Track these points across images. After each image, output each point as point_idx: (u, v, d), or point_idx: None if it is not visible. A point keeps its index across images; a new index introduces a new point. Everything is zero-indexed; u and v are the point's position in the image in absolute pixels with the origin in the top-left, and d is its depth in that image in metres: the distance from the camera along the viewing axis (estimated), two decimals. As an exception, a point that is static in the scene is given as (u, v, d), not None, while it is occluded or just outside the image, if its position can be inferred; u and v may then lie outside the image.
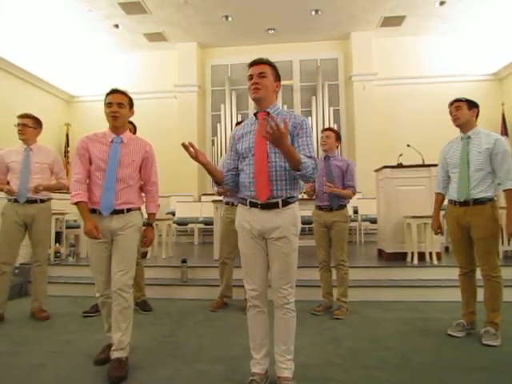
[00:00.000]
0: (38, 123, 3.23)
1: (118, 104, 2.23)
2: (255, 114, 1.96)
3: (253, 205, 1.88)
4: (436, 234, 2.92)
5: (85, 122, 8.40)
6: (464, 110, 2.64)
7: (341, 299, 3.17)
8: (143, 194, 2.43)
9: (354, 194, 3.21)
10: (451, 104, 2.73)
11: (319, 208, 3.26)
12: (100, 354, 2.29)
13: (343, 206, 3.21)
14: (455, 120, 2.69)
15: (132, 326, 2.23)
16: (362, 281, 3.77)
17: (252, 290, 1.92)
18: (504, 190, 2.50)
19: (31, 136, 3.17)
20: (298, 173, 1.77)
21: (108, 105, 2.24)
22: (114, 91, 2.26)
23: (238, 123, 3.42)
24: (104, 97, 2.27)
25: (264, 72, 1.89)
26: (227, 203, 3.45)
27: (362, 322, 3.02)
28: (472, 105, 2.66)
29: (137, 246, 2.31)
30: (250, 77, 1.90)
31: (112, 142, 2.26)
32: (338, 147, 3.35)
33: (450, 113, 2.72)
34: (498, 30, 7.55)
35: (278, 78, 1.95)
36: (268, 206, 1.85)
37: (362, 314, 3.16)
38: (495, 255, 2.56)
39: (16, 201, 3.08)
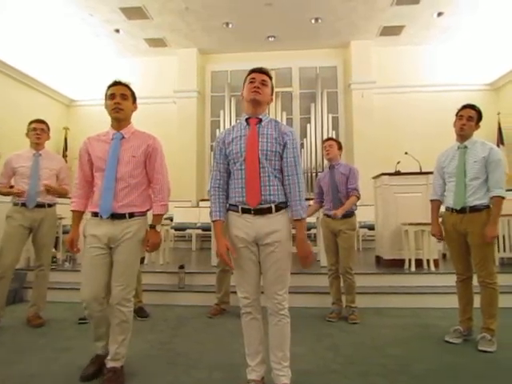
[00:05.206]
0: (49, 129, 3.28)
1: (122, 95, 2.08)
2: (247, 120, 1.95)
3: (245, 211, 1.86)
4: (438, 239, 2.90)
5: (83, 126, 8.37)
6: (474, 122, 2.63)
7: (351, 305, 3.22)
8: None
9: (358, 197, 3.21)
10: (464, 108, 2.65)
11: (327, 216, 3.29)
12: (87, 368, 2.10)
13: (351, 214, 3.23)
14: (462, 129, 2.63)
15: (130, 337, 2.12)
16: (360, 287, 3.72)
17: (244, 297, 1.91)
18: (491, 197, 2.53)
19: (44, 141, 3.21)
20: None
21: (110, 96, 2.08)
22: (116, 83, 2.11)
23: None
24: (104, 96, 2.12)
25: (266, 81, 1.94)
26: None
27: (360, 328, 3.02)
28: (480, 119, 2.66)
29: (138, 258, 2.18)
30: (252, 80, 1.92)
31: (113, 139, 2.11)
32: (340, 155, 3.39)
33: (461, 117, 2.64)
34: (494, 41, 7.64)
35: (273, 91, 2.02)
36: (261, 211, 1.84)
37: (360, 320, 3.15)
38: (491, 262, 2.58)
39: (23, 205, 3.05)
